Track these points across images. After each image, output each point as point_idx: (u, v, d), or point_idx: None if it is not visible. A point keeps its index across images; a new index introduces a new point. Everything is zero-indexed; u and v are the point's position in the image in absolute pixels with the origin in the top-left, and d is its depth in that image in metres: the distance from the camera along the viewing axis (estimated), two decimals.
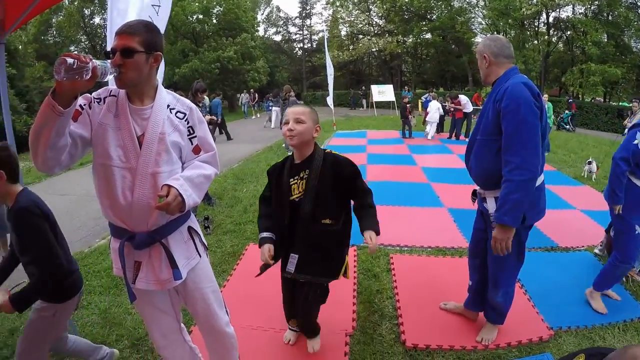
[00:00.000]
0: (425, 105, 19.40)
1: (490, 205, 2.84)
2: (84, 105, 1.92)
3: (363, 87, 35.58)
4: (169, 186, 1.88)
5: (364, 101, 32.80)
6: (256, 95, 31.16)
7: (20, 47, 27.20)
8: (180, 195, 1.89)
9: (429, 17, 38.08)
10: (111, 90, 2.02)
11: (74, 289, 2.46)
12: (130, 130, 1.94)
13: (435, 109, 14.52)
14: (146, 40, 1.88)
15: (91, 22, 39.11)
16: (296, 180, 2.64)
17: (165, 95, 2.08)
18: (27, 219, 2.20)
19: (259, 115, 26.93)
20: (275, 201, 2.78)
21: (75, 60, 1.53)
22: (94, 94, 2.00)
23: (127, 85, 1.94)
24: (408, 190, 7.60)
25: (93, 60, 1.60)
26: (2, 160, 2.25)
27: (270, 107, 20.37)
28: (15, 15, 2.99)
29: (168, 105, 2.07)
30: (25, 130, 21.31)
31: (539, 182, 2.73)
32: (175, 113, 2.09)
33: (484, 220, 3.07)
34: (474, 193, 3.15)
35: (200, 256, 2.27)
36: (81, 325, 3.74)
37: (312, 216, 2.61)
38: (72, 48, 38.58)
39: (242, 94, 30.84)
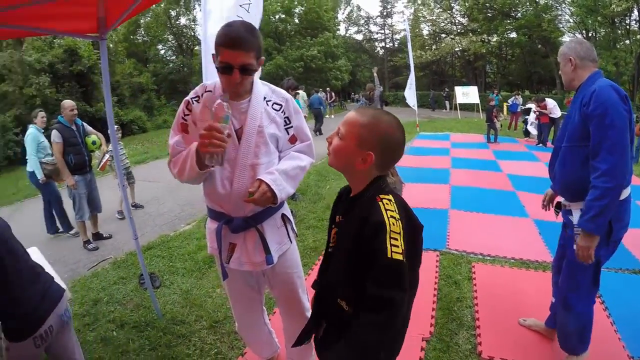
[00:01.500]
0: (511, 109, 18.61)
1: (576, 218, 2.63)
2: (186, 115, 2.07)
3: (446, 88, 34.59)
4: (260, 181, 1.95)
5: (447, 103, 31.92)
6: (332, 94, 31.17)
7: (111, 45, 29.01)
8: (271, 190, 1.95)
9: (513, 14, 36.09)
10: (207, 87, 2.10)
11: (20, 333, 2.10)
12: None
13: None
14: (258, 50, 1.92)
15: (177, 22, 41.32)
16: (335, 224, 1.75)
17: (261, 88, 2.12)
18: None
19: (333, 116, 26.62)
20: None
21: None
22: (191, 94, 2.11)
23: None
24: (492, 197, 7.32)
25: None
26: None
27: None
28: (116, 13, 3.16)
29: (264, 97, 2.12)
30: (117, 121, 22.79)
31: (625, 194, 2.52)
32: (272, 105, 2.13)
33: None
34: (558, 205, 2.91)
35: (291, 242, 2.34)
36: (163, 303, 3.97)
37: (328, 288, 1.73)
38: (159, 47, 41.26)
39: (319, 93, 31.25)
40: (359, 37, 53.74)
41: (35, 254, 3.54)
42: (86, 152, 5.95)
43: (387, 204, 1.45)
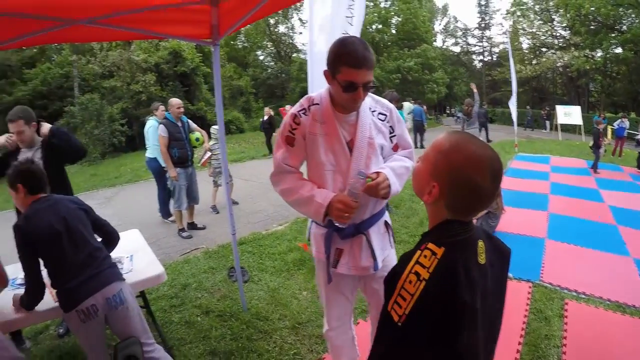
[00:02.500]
0: (617, 133, 17.22)
1: None
2: (294, 129, 2.10)
3: (546, 107, 32.38)
4: (379, 172, 2.00)
5: (547, 122, 29.94)
6: (424, 107, 30.54)
7: (212, 49, 30.47)
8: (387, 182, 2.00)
9: (618, 27, 32.53)
10: (313, 99, 2.14)
11: (66, 304, 2.41)
12: (339, 136, 2.05)
13: None
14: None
15: (276, 30, 42.55)
16: None
17: (365, 99, 2.12)
18: (16, 234, 2.37)
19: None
20: None
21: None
22: (296, 107, 2.15)
23: None
24: (591, 229, 6.76)
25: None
26: (21, 174, 2.50)
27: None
28: (229, 22, 3.32)
29: (369, 108, 2.15)
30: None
31: None
32: (377, 115, 2.17)
33: None
34: None
35: (391, 248, 2.36)
36: (249, 298, 4.08)
37: None
38: (258, 53, 42.72)
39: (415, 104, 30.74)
40: (456, 49, 52.24)
41: (135, 235, 3.87)
42: (189, 148, 6.30)
43: (424, 257, 1.19)
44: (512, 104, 15.29)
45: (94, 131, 21.05)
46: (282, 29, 42.81)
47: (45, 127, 3.46)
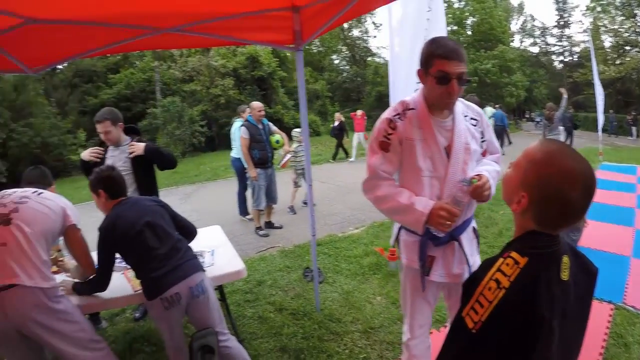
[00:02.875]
0: None
1: None
2: (390, 134, 2.08)
3: (632, 111, 29.41)
4: (481, 175, 2.00)
5: (634, 129, 27.32)
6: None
7: (289, 54, 30.92)
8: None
9: None
10: (408, 104, 2.12)
11: (151, 292, 2.55)
12: (436, 142, 2.03)
13: None
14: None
15: (350, 34, 42.34)
16: None
17: (458, 104, 2.11)
18: (100, 235, 2.56)
19: None
20: None
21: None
22: (390, 111, 2.14)
23: None
24: None
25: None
26: (102, 181, 2.67)
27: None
28: (312, 28, 3.35)
29: (462, 113, 2.13)
30: (292, 122, 24.59)
31: None
32: (470, 120, 2.15)
33: None
34: None
35: (477, 254, 2.32)
36: (323, 299, 4.11)
37: None
38: (333, 57, 42.82)
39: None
40: (535, 49, 49.09)
41: (217, 231, 4.01)
42: (269, 149, 6.48)
43: (506, 265, 1.15)
44: (598, 108, 14.28)
45: (175, 132, 22.26)
46: (356, 32, 42.64)
47: (139, 148, 3.64)
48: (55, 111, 25.98)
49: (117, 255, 2.64)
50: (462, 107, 2.15)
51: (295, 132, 7.75)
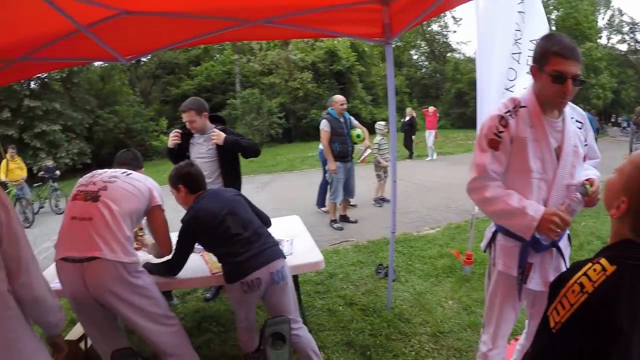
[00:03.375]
0: None
1: None
2: (501, 132, 1.98)
3: None
4: (592, 180, 1.94)
5: None
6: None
7: (367, 49, 30.70)
8: None
9: None
10: (519, 101, 2.03)
11: (231, 276, 2.60)
12: (548, 143, 1.96)
13: None
14: None
15: (429, 28, 41.27)
16: None
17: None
18: (184, 226, 2.66)
19: None
20: None
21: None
22: (500, 107, 2.04)
23: None
24: None
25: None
26: (182, 177, 2.78)
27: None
28: (402, 21, 3.26)
29: (569, 115, 2.04)
30: (369, 117, 24.61)
31: None
32: (575, 122, 2.07)
33: None
34: None
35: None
36: (394, 297, 4.05)
37: None
38: (412, 52, 42.02)
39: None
40: (623, 47, 44.35)
41: (296, 221, 4.08)
42: (350, 143, 6.47)
43: (593, 270, 1.11)
44: None
45: (253, 122, 23.01)
46: (435, 27, 41.39)
47: (220, 138, 3.72)
48: (139, 100, 27.85)
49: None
50: (569, 108, 2.05)
51: (380, 125, 7.74)
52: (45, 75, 20.76)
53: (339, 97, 6.49)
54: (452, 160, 13.82)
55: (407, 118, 14.86)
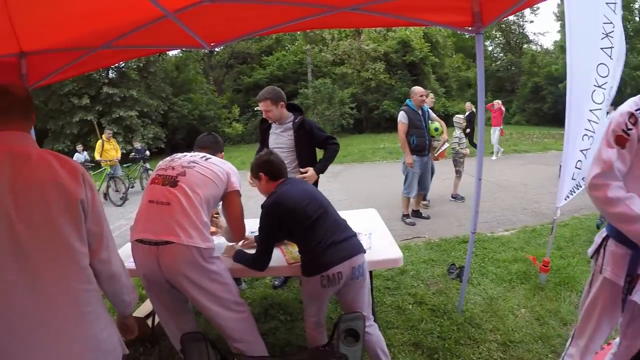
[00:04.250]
0: None
1: None
2: (630, 129, 1.86)
3: None
4: None
5: None
6: None
7: (440, 39, 29.89)
8: None
9: None
10: None
11: (311, 268, 2.52)
12: None
13: None
14: None
15: (505, 18, 39.21)
16: None
17: None
18: (265, 211, 2.60)
19: None
20: None
21: None
22: (630, 104, 1.91)
23: None
24: None
25: None
26: (262, 165, 2.75)
27: None
28: (493, 10, 3.09)
29: None
30: (442, 110, 24.16)
31: None
32: None
33: None
34: None
35: None
36: (465, 300, 3.91)
37: None
38: (486, 43, 40.01)
39: None
40: None
41: (373, 214, 4.02)
42: (427, 137, 6.32)
43: None
44: None
45: (325, 112, 23.28)
46: (511, 17, 39.56)
47: (312, 178, 3.75)
48: (212, 88, 29.11)
49: None
50: None
51: (458, 118, 7.52)
52: (123, 65, 22.35)
53: (418, 89, 6.33)
54: (526, 159, 13.16)
55: (467, 113, 14.20)
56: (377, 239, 3.26)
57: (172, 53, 28.85)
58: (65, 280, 1.55)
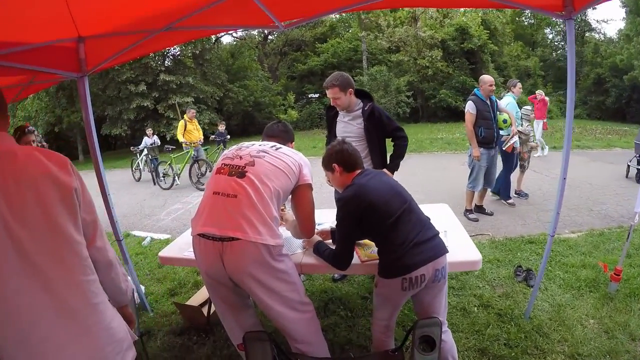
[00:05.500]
0: None
1: None
2: None
3: None
4: None
5: None
6: None
7: (499, 26, 28.81)
8: None
9: None
10: None
11: (392, 270, 2.34)
12: None
13: None
14: None
15: None
16: None
17: None
18: (343, 204, 2.43)
19: None
20: None
21: None
22: None
23: None
24: None
25: None
26: (335, 155, 2.58)
27: None
28: None
29: None
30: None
31: None
32: None
33: None
34: None
35: None
36: (534, 306, 3.71)
37: None
38: (547, 31, 38.52)
39: None
40: None
41: (446, 210, 3.89)
42: (495, 128, 6.07)
43: None
44: None
45: (381, 100, 23.27)
46: None
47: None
48: (267, 75, 29.52)
49: None
50: None
51: (526, 109, 7.21)
52: (179, 53, 23.45)
53: (488, 77, 6.05)
54: (591, 156, 12.36)
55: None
56: (453, 238, 3.00)
57: (226, 41, 29.57)
58: (71, 275, 1.53)
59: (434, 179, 8.10)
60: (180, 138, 11.01)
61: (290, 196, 2.58)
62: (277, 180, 2.36)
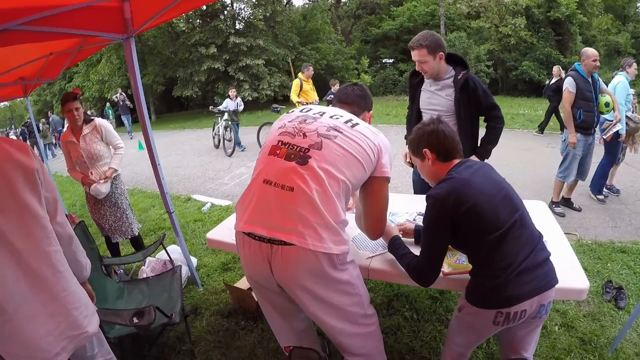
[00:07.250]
0: None
1: None
2: None
3: None
4: None
5: None
6: None
7: None
8: None
9: None
10: None
11: (486, 299, 1.83)
12: None
13: None
14: None
15: None
16: None
17: None
18: (433, 204, 1.88)
19: None
20: None
21: None
22: None
23: None
24: None
25: None
26: (426, 138, 2.02)
27: None
28: None
29: None
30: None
31: None
32: None
33: None
34: None
35: None
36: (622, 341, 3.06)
37: None
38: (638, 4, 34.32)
39: None
40: None
41: (542, 210, 3.23)
42: (596, 112, 5.22)
43: None
44: None
45: None
46: None
47: None
48: (340, 38, 29.19)
49: None
50: None
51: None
52: (250, 14, 24.33)
53: (591, 51, 5.12)
54: None
55: (554, 80, 11.10)
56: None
57: (298, 3, 29.34)
58: (39, 246, 1.69)
59: (516, 161, 7.26)
60: (295, 98, 9.87)
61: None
62: (349, 170, 1.86)
